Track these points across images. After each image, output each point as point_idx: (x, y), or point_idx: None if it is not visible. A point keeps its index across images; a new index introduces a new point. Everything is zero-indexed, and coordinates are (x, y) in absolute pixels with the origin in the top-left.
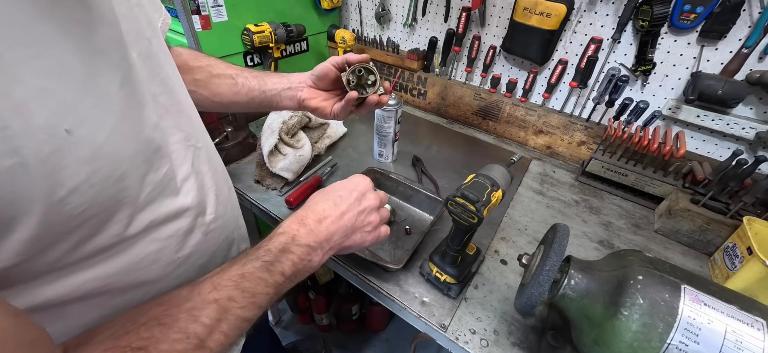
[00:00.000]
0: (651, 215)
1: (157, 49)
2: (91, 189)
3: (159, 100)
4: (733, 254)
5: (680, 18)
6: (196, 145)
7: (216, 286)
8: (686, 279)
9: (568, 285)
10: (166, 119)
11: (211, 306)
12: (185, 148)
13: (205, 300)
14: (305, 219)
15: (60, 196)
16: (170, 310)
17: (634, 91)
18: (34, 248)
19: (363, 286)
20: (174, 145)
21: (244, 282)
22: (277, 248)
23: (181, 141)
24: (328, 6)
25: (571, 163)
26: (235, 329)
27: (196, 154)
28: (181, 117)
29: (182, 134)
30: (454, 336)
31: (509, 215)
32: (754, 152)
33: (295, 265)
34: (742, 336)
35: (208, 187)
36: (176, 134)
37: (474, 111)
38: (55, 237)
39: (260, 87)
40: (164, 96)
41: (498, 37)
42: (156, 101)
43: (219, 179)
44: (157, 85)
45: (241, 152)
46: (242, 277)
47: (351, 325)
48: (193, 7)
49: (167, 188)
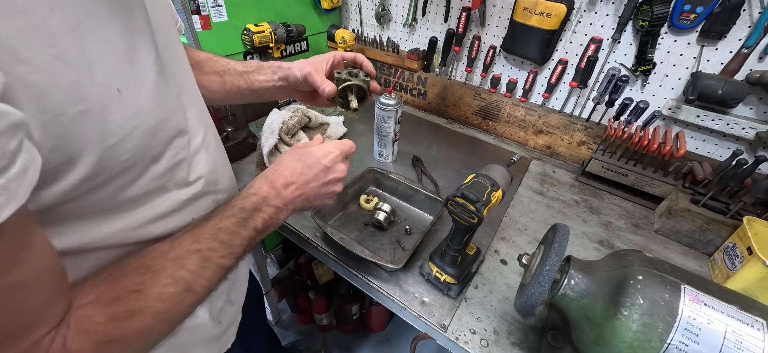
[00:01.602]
0: (651, 215)
1: (173, 39)
2: (133, 141)
3: (177, 79)
4: (733, 254)
5: (680, 18)
6: (207, 122)
7: (196, 238)
8: (686, 279)
9: (568, 285)
10: (183, 95)
11: (194, 255)
12: (199, 122)
13: (187, 250)
14: (274, 182)
15: (111, 143)
16: (156, 260)
17: (634, 91)
18: (86, 186)
19: (363, 286)
20: (191, 118)
21: (222, 234)
22: (251, 207)
23: (196, 116)
24: (328, 6)
25: (571, 163)
26: (216, 275)
27: (208, 128)
28: (195, 95)
29: (196, 109)
30: (454, 336)
31: (509, 215)
32: (754, 152)
33: (266, 222)
34: (742, 336)
35: (217, 161)
36: (192, 109)
37: (474, 111)
38: (104, 179)
39: (248, 86)
40: (181, 76)
41: (498, 37)
42: (175, 80)
43: (223, 157)
44: (175, 66)
45: (241, 152)
46: (220, 230)
47: (351, 325)
48: (193, 7)
49: (186, 154)
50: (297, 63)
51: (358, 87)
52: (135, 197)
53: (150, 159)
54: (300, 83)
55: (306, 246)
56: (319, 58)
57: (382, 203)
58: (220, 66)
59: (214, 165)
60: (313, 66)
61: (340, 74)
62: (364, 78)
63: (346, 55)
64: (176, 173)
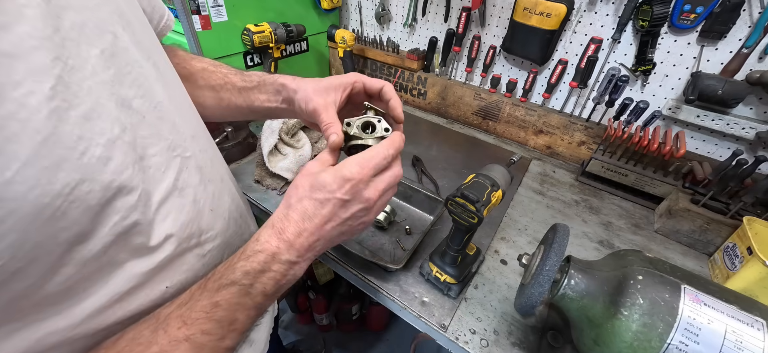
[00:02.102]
0: (651, 215)
1: (128, 44)
2: (5, 237)
3: (132, 104)
4: (733, 254)
5: (680, 18)
6: (184, 154)
7: (186, 321)
8: (686, 279)
9: (568, 285)
10: (141, 127)
11: (183, 345)
12: (168, 159)
13: (174, 339)
14: (283, 233)
15: None
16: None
17: (634, 91)
18: None
19: (363, 286)
20: (152, 158)
21: (219, 312)
22: (256, 269)
23: (163, 152)
24: (328, 6)
25: (571, 163)
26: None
27: (184, 165)
28: (163, 123)
29: (164, 142)
30: (454, 336)
31: (509, 215)
32: (754, 152)
33: (278, 282)
34: (742, 336)
35: (201, 203)
36: (156, 144)
37: (474, 111)
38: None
39: (248, 105)
40: (139, 100)
41: (498, 37)
42: (127, 107)
43: (216, 191)
44: (128, 87)
45: (241, 152)
46: (216, 306)
47: (351, 325)
48: (193, 7)
49: (139, 215)
50: (303, 89)
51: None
52: (64, 289)
53: (65, 244)
54: (304, 114)
55: None
56: (332, 84)
57: None
58: (216, 79)
59: (197, 211)
60: (324, 98)
61: (349, 128)
62: (382, 134)
63: (368, 82)
64: (128, 242)
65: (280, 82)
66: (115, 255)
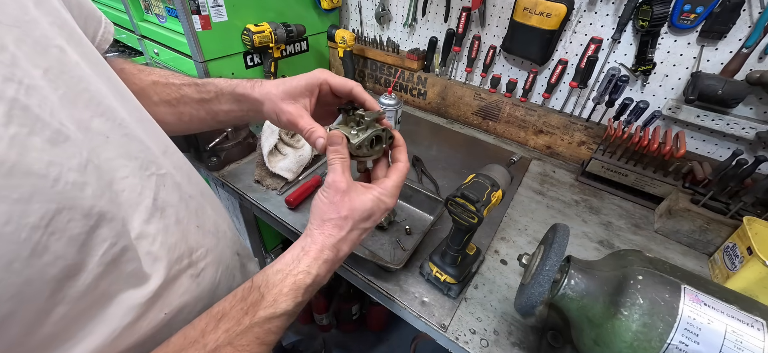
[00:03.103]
0: (651, 215)
1: (77, 58)
2: None
3: (91, 126)
4: (733, 254)
5: (680, 18)
6: (158, 172)
7: (237, 349)
8: (686, 279)
9: (568, 285)
10: (106, 149)
11: None
12: (142, 179)
13: None
14: (335, 263)
15: None
16: None
17: (634, 91)
18: None
19: (363, 286)
20: (122, 181)
21: (271, 336)
22: (306, 298)
23: (135, 172)
24: (328, 6)
25: (571, 163)
26: None
27: (160, 183)
28: (131, 142)
29: (135, 162)
30: (454, 336)
31: (509, 215)
32: (754, 152)
33: (310, 295)
34: (742, 336)
35: (185, 221)
36: (126, 166)
37: (474, 111)
38: None
39: (212, 117)
40: (98, 119)
41: (498, 37)
42: (86, 129)
43: (198, 206)
44: (83, 107)
45: (241, 152)
46: (269, 332)
47: (351, 325)
48: (193, 7)
49: (126, 241)
50: (269, 99)
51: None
52: (60, 330)
53: (53, 281)
54: (277, 125)
55: None
56: (299, 86)
57: None
58: (171, 93)
59: (182, 231)
60: (294, 106)
61: (354, 139)
62: (389, 138)
63: (335, 83)
64: (120, 271)
65: (239, 92)
66: (108, 288)
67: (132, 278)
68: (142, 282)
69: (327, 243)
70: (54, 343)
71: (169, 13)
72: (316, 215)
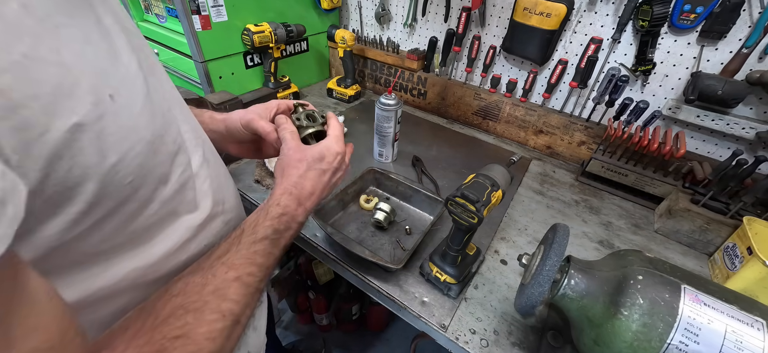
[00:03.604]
0: (651, 215)
1: (148, 48)
2: (136, 158)
3: (164, 88)
4: (733, 254)
5: (680, 18)
6: (203, 137)
7: (231, 266)
8: (686, 279)
9: (568, 285)
10: (174, 109)
11: (235, 284)
12: (195, 138)
13: (225, 279)
14: (300, 198)
15: (111, 162)
16: (192, 297)
17: (634, 91)
18: (90, 219)
19: (363, 286)
20: (185, 133)
21: (259, 258)
22: (282, 226)
23: (191, 132)
24: (328, 6)
25: (571, 163)
26: (255, 301)
27: (205, 146)
28: (184, 110)
29: (189, 125)
30: (454, 336)
31: (509, 215)
32: (754, 152)
33: (292, 236)
34: (742, 336)
35: (220, 179)
36: (185, 124)
37: (474, 111)
38: (109, 209)
39: None
40: (166, 87)
41: (498, 37)
42: (163, 89)
43: (225, 174)
44: (157, 78)
45: None
46: (255, 254)
47: (351, 325)
48: (193, 7)
49: (190, 173)
50: (235, 112)
51: (318, 133)
52: (146, 227)
53: (157, 180)
54: (239, 131)
55: (306, 246)
56: (259, 106)
57: (382, 203)
58: None
59: (219, 183)
60: (256, 113)
61: (299, 121)
62: (321, 123)
63: (290, 104)
64: (185, 195)
65: (207, 114)
66: (176, 206)
67: (191, 204)
68: (195, 210)
69: (289, 182)
70: (142, 238)
71: (169, 13)
72: (277, 172)
